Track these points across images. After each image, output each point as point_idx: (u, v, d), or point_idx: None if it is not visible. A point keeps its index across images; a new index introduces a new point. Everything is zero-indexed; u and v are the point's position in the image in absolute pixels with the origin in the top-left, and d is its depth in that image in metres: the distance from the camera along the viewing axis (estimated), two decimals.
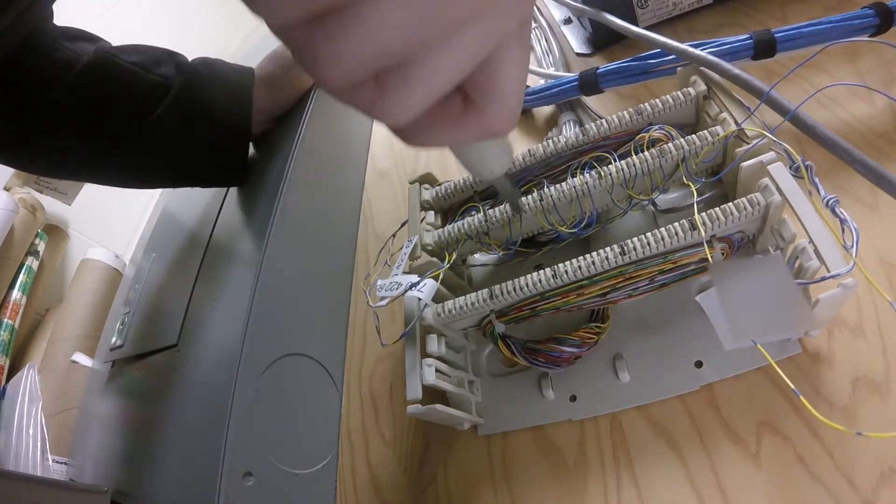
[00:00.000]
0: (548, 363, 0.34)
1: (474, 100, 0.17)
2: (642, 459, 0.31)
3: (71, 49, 0.43)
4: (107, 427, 0.46)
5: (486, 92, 0.16)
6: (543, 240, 0.38)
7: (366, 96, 0.15)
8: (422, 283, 0.32)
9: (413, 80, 0.14)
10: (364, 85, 0.15)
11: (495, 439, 0.36)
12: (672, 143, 0.32)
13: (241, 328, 0.37)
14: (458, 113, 0.17)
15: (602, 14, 0.47)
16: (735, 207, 0.28)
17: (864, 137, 0.35)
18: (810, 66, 0.35)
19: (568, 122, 0.47)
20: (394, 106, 0.15)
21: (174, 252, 0.53)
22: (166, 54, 0.47)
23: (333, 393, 0.44)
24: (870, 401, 0.28)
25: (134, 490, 0.38)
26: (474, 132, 0.17)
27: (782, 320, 0.26)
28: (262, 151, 0.54)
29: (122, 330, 0.49)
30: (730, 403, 0.31)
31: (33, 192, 0.65)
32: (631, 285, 0.30)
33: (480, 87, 0.16)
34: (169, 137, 0.46)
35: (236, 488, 0.32)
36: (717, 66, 0.33)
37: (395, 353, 0.44)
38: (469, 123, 0.17)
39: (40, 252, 0.66)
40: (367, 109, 0.15)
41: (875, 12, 0.34)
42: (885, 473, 0.26)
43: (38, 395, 0.52)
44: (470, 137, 0.18)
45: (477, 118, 0.17)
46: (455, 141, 0.18)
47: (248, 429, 0.34)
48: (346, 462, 0.41)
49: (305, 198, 0.49)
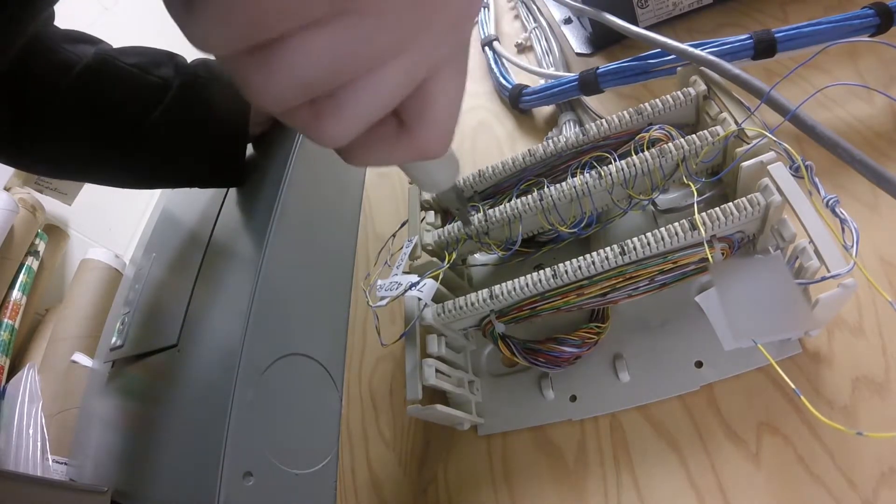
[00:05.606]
0: (548, 363, 0.34)
1: (407, 123, 0.17)
2: (642, 460, 0.31)
3: (71, 51, 0.43)
4: (107, 427, 0.46)
5: (419, 116, 0.17)
6: (543, 240, 0.38)
7: (302, 119, 0.16)
8: (422, 283, 0.32)
9: (345, 106, 0.15)
10: (300, 108, 0.15)
11: (495, 439, 0.36)
12: (672, 142, 0.32)
13: (241, 328, 0.37)
14: (393, 135, 0.18)
15: (602, 14, 0.47)
16: (735, 207, 0.28)
17: (864, 137, 0.35)
18: (810, 66, 0.35)
19: (568, 122, 0.47)
20: (328, 129, 0.16)
21: (174, 252, 0.52)
22: (166, 56, 0.47)
23: (333, 393, 0.44)
24: (870, 401, 0.28)
25: (134, 490, 0.38)
26: (409, 153, 0.18)
27: (782, 320, 0.26)
28: (261, 152, 0.54)
29: (122, 330, 0.49)
30: (730, 403, 0.31)
31: (33, 192, 0.65)
32: (631, 285, 0.30)
33: (413, 110, 0.17)
34: (167, 139, 0.46)
35: (236, 488, 0.32)
36: (717, 66, 0.33)
37: (395, 353, 0.44)
38: (403, 145, 0.18)
39: (40, 252, 0.66)
40: (304, 131, 0.16)
41: (875, 12, 0.34)
42: (885, 473, 0.26)
43: (38, 395, 0.52)
44: (405, 158, 0.19)
45: (410, 140, 0.18)
46: (391, 161, 0.19)
47: (248, 429, 0.34)
48: (346, 462, 0.41)
49: (305, 198, 0.49)
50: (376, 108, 0.16)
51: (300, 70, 0.14)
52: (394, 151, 0.18)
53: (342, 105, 0.15)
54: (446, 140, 0.18)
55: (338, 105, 0.15)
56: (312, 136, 0.16)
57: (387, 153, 0.18)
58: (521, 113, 0.53)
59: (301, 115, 0.16)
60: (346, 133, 0.16)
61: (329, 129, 0.16)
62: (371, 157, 0.18)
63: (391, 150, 0.18)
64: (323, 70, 0.14)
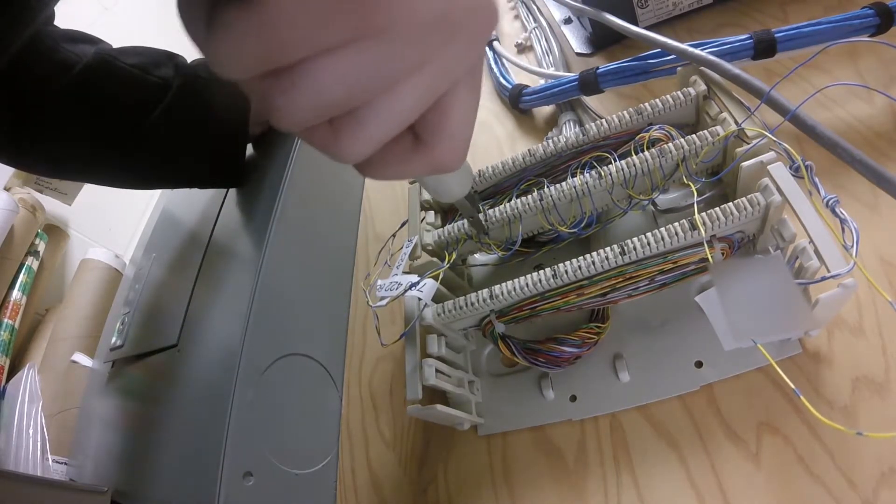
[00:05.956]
0: (548, 363, 0.34)
1: (423, 138, 0.18)
2: (642, 460, 0.31)
3: (71, 51, 0.43)
4: (107, 427, 0.46)
5: (435, 131, 0.18)
6: (543, 240, 0.38)
7: (321, 137, 0.16)
8: (422, 283, 0.32)
9: (363, 124, 0.15)
10: (319, 127, 0.16)
11: (495, 439, 0.36)
12: (672, 142, 0.32)
13: (241, 328, 0.37)
14: (409, 150, 0.18)
15: (602, 14, 0.47)
16: (735, 207, 0.28)
17: (864, 137, 0.35)
18: (810, 66, 0.35)
19: (568, 122, 0.47)
20: (347, 146, 0.16)
21: (174, 252, 0.52)
22: (166, 56, 0.47)
23: (333, 393, 0.44)
24: (870, 401, 0.28)
25: (134, 490, 0.38)
26: (424, 167, 0.19)
27: (782, 320, 0.26)
28: (261, 152, 0.54)
29: (122, 330, 0.49)
30: (730, 403, 0.31)
31: (33, 192, 0.65)
32: (631, 285, 0.30)
33: (429, 126, 0.17)
34: (167, 139, 0.46)
35: (236, 488, 0.32)
36: (717, 66, 0.33)
37: (395, 353, 0.44)
38: (419, 159, 0.18)
39: (40, 252, 0.66)
40: (323, 149, 0.16)
41: (875, 12, 0.34)
42: (885, 473, 0.26)
43: (38, 395, 0.52)
44: (420, 172, 0.19)
45: (426, 155, 0.18)
46: (407, 174, 0.19)
47: (248, 429, 0.34)
48: (346, 462, 0.41)
49: (305, 198, 0.49)
50: (394, 126, 0.16)
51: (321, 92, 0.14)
52: (410, 165, 0.18)
53: (361, 123, 0.15)
54: (462, 154, 0.19)
55: (357, 123, 0.15)
56: (331, 153, 0.16)
57: (403, 167, 0.18)
58: (521, 113, 0.53)
59: (320, 134, 0.16)
60: (364, 150, 0.16)
61: (348, 148, 0.16)
62: (388, 171, 0.19)
63: (407, 164, 0.18)
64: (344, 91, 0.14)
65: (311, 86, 0.14)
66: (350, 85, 0.14)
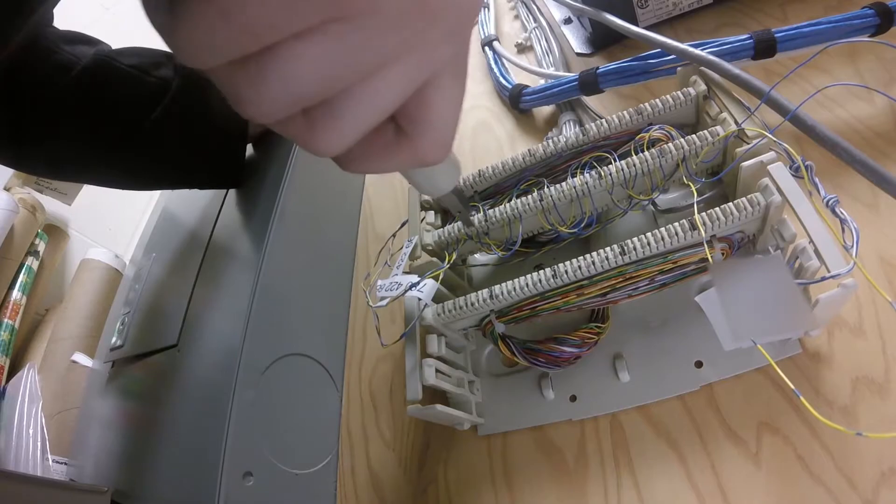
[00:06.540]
0: (548, 363, 0.34)
1: (405, 129, 0.17)
2: (642, 460, 0.31)
3: (70, 52, 0.43)
4: (107, 427, 0.46)
5: (417, 122, 0.17)
6: (543, 240, 0.38)
7: (296, 129, 0.15)
8: (422, 283, 0.32)
9: (339, 115, 0.15)
10: (294, 118, 0.15)
11: (495, 439, 0.36)
12: (672, 143, 0.32)
13: (241, 328, 0.37)
14: (391, 142, 0.17)
15: (602, 14, 0.47)
16: (735, 207, 0.28)
17: (864, 137, 0.35)
18: (810, 66, 0.35)
19: (568, 122, 0.47)
20: (323, 139, 0.15)
21: (174, 252, 0.52)
22: (165, 56, 0.47)
23: (333, 393, 0.44)
24: (870, 401, 0.28)
25: (134, 490, 0.38)
26: (407, 160, 0.18)
27: (782, 320, 0.26)
28: (261, 152, 0.54)
29: (122, 330, 0.49)
30: (730, 403, 0.31)
31: (33, 192, 0.65)
32: (631, 285, 0.30)
33: (410, 117, 0.17)
34: (166, 140, 0.46)
35: (236, 488, 0.32)
36: (717, 66, 0.33)
37: (395, 353, 0.44)
38: (401, 152, 0.17)
39: (40, 252, 0.66)
40: (298, 141, 0.16)
41: (875, 12, 0.34)
42: (885, 473, 0.26)
43: (38, 395, 0.52)
44: (403, 165, 0.18)
45: (408, 147, 0.17)
46: (389, 168, 0.18)
47: (248, 429, 0.34)
48: (346, 462, 0.41)
49: (305, 198, 0.49)
50: (372, 117, 0.15)
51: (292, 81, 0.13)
52: (392, 159, 0.18)
53: (337, 114, 0.15)
54: (446, 147, 0.18)
55: (332, 114, 0.15)
56: (306, 146, 0.16)
57: (385, 161, 0.18)
58: (521, 113, 0.53)
59: (294, 126, 0.15)
60: (341, 142, 0.15)
61: (324, 140, 0.15)
62: (368, 165, 0.18)
63: (389, 157, 0.17)
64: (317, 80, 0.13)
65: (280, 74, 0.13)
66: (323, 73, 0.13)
